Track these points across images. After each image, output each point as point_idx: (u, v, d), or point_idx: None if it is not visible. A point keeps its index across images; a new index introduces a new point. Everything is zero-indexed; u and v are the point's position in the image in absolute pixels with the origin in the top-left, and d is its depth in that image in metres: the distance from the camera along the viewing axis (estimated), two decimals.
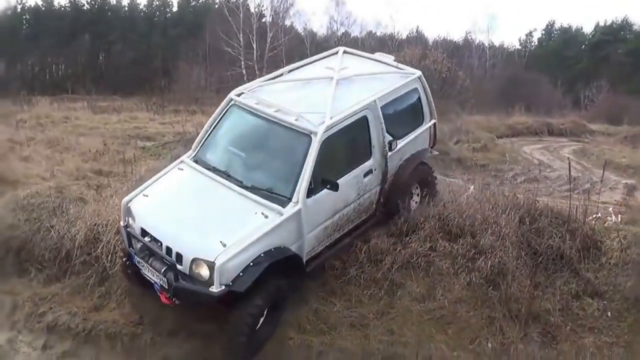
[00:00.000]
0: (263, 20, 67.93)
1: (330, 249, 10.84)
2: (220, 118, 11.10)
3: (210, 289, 9.00)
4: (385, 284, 10.81)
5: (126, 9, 77.39)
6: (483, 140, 29.13)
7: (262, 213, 9.58)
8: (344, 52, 12.83)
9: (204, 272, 9.11)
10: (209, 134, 11.12)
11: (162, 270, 9.49)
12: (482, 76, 68.04)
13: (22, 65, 71.24)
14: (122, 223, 10.34)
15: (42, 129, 24.29)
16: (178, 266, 9.36)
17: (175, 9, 78.74)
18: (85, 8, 74.43)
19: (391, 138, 11.36)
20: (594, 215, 12.67)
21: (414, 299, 10.59)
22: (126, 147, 20.48)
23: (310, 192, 9.89)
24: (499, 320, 10.28)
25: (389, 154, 11.34)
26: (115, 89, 58.38)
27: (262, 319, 9.66)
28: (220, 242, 9.13)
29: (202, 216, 9.77)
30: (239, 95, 11.06)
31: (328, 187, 9.98)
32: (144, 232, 9.87)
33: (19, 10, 72.30)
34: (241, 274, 9.13)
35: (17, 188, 14.37)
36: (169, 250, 9.47)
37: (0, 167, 15.39)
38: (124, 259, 10.56)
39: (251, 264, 9.21)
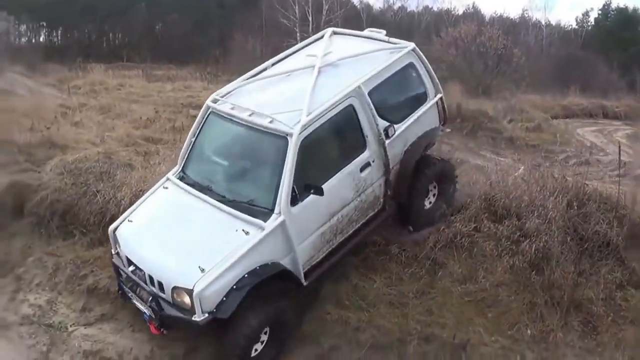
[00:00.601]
0: None
1: (334, 255, 10.10)
2: (201, 128, 10.45)
3: (193, 318, 8.56)
4: (426, 263, 10.76)
5: None
6: (537, 120, 28.70)
7: (243, 230, 8.95)
8: (333, 33, 11.87)
9: (186, 300, 8.60)
10: (192, 146, 10.50)
11: (149, 299, 9.07)
12: (537, 55, 66.86)
13: (79, 33, 71.82)
14: (112, 251, 10.04)
15: (95, 96, 24.59)
16: (161, 294, 8.94)
17: None
18: None
19: (387, 124, 10.45)
20: None
21: (455, 280, 10.51)
22: (178, 116, 20.61)
23: (295, 199, 9.18)
24: (540, 306, 10.10)
25: (387, 142, 10.41)
26: (171, 58, 58.67)
27: (262, 342, 9.20)
28: (199, 267, 8.60)
29: (182, 240, 9.20)
30: (215, 101, 10.36)
31: (312, 192, 9.24)
32: (129, 261, 9.49)
33: None
34: (224, 298, 8.59)
35: (66, 153, 14.63)
36: (151, 278, 9.04)
37: (50, 131, 15.53)
38: (118, 290, 10.07)
39: (234, 286, 8.62)
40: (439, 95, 11.47)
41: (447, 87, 26.86)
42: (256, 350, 9.11)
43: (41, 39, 68.91)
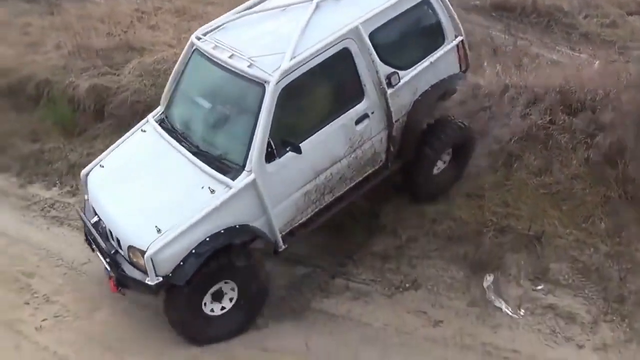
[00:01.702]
0: None
1: (322, 215, 9.19)
2: (185, 67, 9.29)
3: (146, 281, 7.88)
4: (502, 155, 10.70)
5: None
6: (612, 16, 27.65)
7: (209, 187, 8.04)
8: None
9: (141, 261, 7.86)
10: (175, 86, 9.42)
11: (108, 255, 8.41)
12: None
13: None
14: (85, 197, 9.34)
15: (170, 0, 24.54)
16: (120, 251, 8.33)
17: None
18: None
19: (391, 70, 9.03)
20: None
21: (530, 172, 10.46)
22: None
23: (272, 155, 8.12)
24: (614, 200, 10.08)
25: (390, 91, 9.04)
26: None
27: (231, 300, 8.61)
28: (155, 227, 7.83)
29: (147, 194, 8.42)
30: (200, 38, 9.12)
31: (289, 149, 8.17)
32: (95, 212, 8.82)
33: None
34: (182, 263, 7.82)
35: (144, 55, 14.71)
36: (111, 233, 8.40)
37: (127, 35, 15.71)
38: (85, 240, 9.30)
39: (194, 251, 7.84)
40: (459, 38, 9.86)
41: None
42: (223, 308, 8.64)
43: None
